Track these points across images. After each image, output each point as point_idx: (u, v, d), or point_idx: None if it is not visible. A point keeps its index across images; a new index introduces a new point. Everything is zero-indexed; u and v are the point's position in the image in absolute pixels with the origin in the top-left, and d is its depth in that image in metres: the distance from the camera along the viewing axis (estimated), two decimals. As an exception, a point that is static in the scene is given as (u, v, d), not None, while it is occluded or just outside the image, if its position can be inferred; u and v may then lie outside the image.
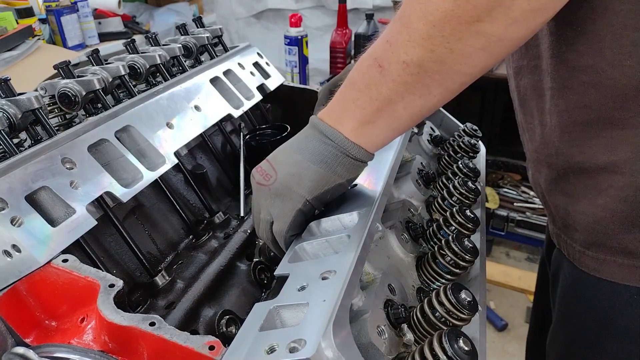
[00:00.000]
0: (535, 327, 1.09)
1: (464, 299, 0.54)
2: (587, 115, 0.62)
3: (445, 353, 0.46)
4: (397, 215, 0.71)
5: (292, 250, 0.61)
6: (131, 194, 0.72)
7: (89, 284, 0.57)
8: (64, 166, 0.68)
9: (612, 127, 0.61)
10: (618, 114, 0.59)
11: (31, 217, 0.60)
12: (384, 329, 0.51)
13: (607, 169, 0.63)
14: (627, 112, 0.59)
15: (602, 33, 0.57)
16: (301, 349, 0.41)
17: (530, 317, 1.11)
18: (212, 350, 0.49)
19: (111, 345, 0.54)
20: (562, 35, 0.62)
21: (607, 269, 0.67)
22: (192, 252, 0.80)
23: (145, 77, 1.01)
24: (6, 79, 0.77)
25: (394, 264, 0.65)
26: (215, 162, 0.98)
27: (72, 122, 0.90)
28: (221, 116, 0.97)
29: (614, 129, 0.61)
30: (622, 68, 0.57)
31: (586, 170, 0.65)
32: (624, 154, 0.61)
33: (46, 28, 2.36)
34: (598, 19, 0.57)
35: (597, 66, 0.59)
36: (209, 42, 1.17)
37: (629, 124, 0.59)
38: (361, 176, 0.73)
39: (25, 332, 0.57)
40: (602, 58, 0.58)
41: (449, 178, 0.86)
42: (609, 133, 0.61)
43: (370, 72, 0.56)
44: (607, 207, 0.64)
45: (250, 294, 0.75)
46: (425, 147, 1.00)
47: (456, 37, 0.49)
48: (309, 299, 0.48)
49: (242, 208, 0.90)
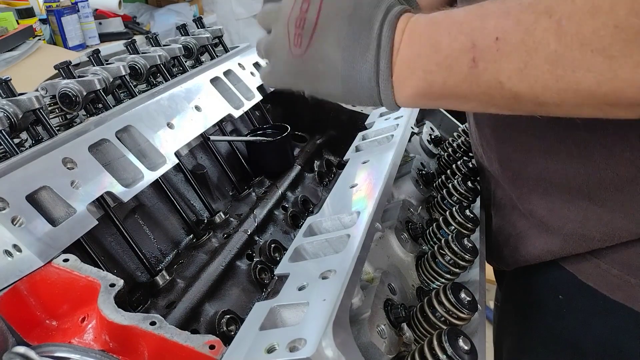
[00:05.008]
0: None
1: (463, 298, 0.54)
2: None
3: (445, 352, 0.46)
4: (396, 215, 0.71)
5: (292, 250, 0.61)
6: (132, 194, 0.72)
7: (90, 284, 0.57)
8: (65, 166, 0.68)
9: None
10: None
11: (32, 217, 0.60)
12: (384, 329, 0.51)
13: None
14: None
15: None
16: (301, 348, 0.41)
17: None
18: (213, 350, 0.50)
19: (112, 345, 0.54)
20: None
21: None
22: (193, 252, 0.80)
23: (145, 77, 1.01)
24: (7, 79, 0.78)
25: (394, 263, 0.65)
26: (215, 162, 0.98)
27: (72, 122, 0.91)
28: (221, 116, 0.98)
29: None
30: None
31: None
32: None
33: (47, 28, 2.37)
34: None
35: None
36: (210, 42, 1.17)
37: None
38: (361, 176, 0.73)
39: (26, 332, 0.57)
40: None
41: (449, 178, 0.86)
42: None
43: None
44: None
45: (250, 294, 0.75)
46: (425, 147, 1.01)
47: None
48: (309, 298, 0.48)
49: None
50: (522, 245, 0.70)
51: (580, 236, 0.60)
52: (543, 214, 0.65)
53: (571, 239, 0.62)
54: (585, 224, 0.59)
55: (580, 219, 0.60)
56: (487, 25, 0.39)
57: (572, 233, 0.61)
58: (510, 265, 0.75)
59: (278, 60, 0.56)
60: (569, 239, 0.62)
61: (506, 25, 0.38)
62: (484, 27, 0.40)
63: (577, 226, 0.60)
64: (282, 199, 0.94)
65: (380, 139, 0.86)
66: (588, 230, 0.59)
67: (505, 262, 0.75)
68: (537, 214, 0.66)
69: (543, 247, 0.66)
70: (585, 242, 0.60)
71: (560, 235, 0.62)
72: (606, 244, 0.58)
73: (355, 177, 0.74)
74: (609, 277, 0.59)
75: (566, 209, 0.61)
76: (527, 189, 0.66)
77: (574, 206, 0.60)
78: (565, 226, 0.62)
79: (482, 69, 0.40)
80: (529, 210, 0.67)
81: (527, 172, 0.65)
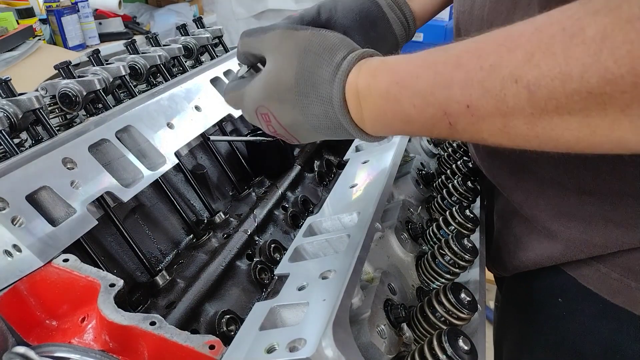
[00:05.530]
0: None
1: (463, 298, 0.54)
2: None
3: (445, 352, 0.46)
4: (396, 215, 0.71)
5: (292, 250, 0.61)
6: (132, 194, 0.72)
7: (90, 284, 0.57)
8: (65, 166, 0.68)
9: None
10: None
11: (32, 217, 0.60)
12: (384, 329, 0.51)
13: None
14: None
15: None
16: (301, 348, 0.41)
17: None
18: (213, 350, 0.50)
19: (112, 345, 0.54)
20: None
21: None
22: (193, 252, 0.80)
23: (145, 77, 1.01)
24: (7, 79, 0.78)
25: (394, 263, 0.65)
26: (215, 162, 0.98)
27: (72, 122, 0.91)
28: (221, 116, 0.98)
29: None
30: None
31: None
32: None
33: (47, 28, 2.37)
34: None
35: None
36: (209, 42, 1.17)
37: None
38: (361, 176, 0.73)
39: (26, 332, 0.57)
40: None
41: (449, 178, 0.86)
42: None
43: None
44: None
45: (250, 294, 0.75)
46: (424, 147, 1.01)
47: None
48: (309, 298, 0.48)
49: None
50: (521, 251, 0.70)
51: (583, 241, 0.60)
52: (546, 219, 0.64)
53: (573, 244, 0.61)
54: (589, 230, 0.59)
55: (585, 225, 0.60)
56: (453, 95, 0.38)
57: (575, 239, 0.61)
58: (509, 271, 0.75)
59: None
60: (571, 244, 0.62)
61: (474, 94, 0.37)
62: (450, 97, 0.38)
63: (581, 232, 0.60)
64: (282, 199, 0.94)
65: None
66: (590, 236, 0.59)
67: (505, 268, 0.75)
68: (539, 219, 0.66)
69: (543, 252, 0.66)
70: (587, 247, 0.60)
71: (563, 241, 0.62)
72: (608, 250, 0.58)
73: (355, 177, 0.74)
74: (609, 281, 0.59)
75: (571, 214, 0.61)
76: (533, 194, 0.66)
77: (580, 212, 0.60)
78: (568, 232, 0.62)
79: (462, 129, 0.39)
80: (531, 216, 0.67)
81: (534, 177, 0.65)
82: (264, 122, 0.53)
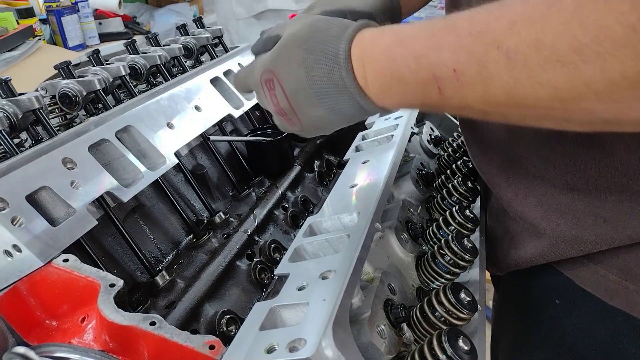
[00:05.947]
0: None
1: (463, 298, 0.54)
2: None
3: (445, 352, 0.46)
4: (396, 215, 0.71)
5: (292, 250, 0.61)
6: (132, 194, 0.72)
7: (90, 284, 0.57)
8: (65, 166, 0.68)
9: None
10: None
11: (32, 217, 0.60)
12: (384, 329, 0.51)
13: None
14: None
15: None
16: (301, 348, 0.41)
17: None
18: (213, 350, 0.50)
19: (112, 345, 0.54)
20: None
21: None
22: (193, 252, 0.80)
23: (145, 77, 1.01)
24: (7, 79, 0.78)
25: (394, 263, 0.65)
26: (215, 162, 0.98)
27: (72, 122, 0.91)
28: (221, 116, 0.98)
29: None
30: None
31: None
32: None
33: (47, 28, 2.37)
34: None
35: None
36: (209, 42, 1.17)
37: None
38: (361, 176, 0.73)
39: (26, 332, 0.57)
40: None
41: (449, 178, 0.86)
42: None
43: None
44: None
45: (250, 294, 0.75)
46: (425, 147, 1.01)
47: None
48: (309, 298, 0.48)
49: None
50: (514, 248, 0.70)
51: (573, 238, 0.60)
52: (535, 216, 0.64)
53: (563, 241, 0.61)
54: (578, 226, 0.59)
55: (574, 221, 0.60)
56: (443, 57, 0.40)
57: (565, 235, 0.61)
58: (503, 270, 0.75)
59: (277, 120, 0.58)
60: (560, 240, 0.62)
61: (461, 58, 0.38)
62: (440, 60, 0.40)
63: (570, 228, 0.60)
64: (282, 199, 0.94)
65: (380, 139, 0.86)
66: (580, 232, 0.59)
67: (498, 265, 0.75)
68: (528, 216, 0.66)
69: (534, 250, 0.66)
70: (577, 244, 0.60)
71: (552, 238, 0.62)
72: (599, 247, 0.58)
73: (355, 177, 0.74)
74: (607, 283, 0.59)
75: (561, 211, 0.61)
76: (522, 191, 0.66)
77: (570, 208, 0.60)
78: (557, 228, 0.62)
79: (449, 96, 0.41)
80: (520, 213, 0.67)
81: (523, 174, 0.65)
82: (267, 90, 0.54)
